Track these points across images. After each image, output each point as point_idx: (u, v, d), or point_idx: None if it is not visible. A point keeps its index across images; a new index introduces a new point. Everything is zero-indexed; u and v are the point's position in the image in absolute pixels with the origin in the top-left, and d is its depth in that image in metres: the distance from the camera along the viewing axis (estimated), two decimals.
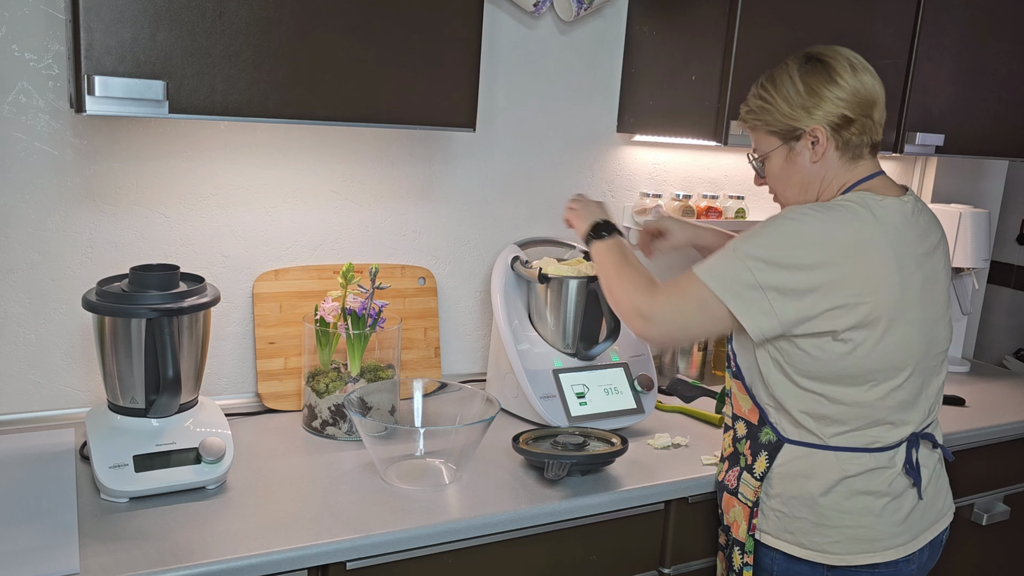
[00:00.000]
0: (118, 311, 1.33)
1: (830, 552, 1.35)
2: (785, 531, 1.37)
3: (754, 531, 1.40)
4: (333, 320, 1.61)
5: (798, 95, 1.35)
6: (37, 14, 1.47)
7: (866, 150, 1.38)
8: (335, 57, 1.38)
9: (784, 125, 1.37)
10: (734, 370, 1.44)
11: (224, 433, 1.40)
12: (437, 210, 1.92)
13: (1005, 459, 2.03)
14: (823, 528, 1.34)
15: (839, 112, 1.33)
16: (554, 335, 1.80)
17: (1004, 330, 2.99)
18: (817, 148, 1.36)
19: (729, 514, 1.46)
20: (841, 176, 1.38)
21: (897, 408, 1.34)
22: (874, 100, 1.34)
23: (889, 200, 1.34)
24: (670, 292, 1.35)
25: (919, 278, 1.33)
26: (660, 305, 1.35)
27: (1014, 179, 2.92)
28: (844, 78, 1.33)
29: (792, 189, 1.42)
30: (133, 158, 1.60)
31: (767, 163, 1.43)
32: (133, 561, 1.13)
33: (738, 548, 1.42)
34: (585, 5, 1.89)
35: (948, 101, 2.10)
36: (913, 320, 1.32)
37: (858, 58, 1.36)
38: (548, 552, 1.44)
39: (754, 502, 1.39)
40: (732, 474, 1.46)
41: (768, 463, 1.38)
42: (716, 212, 2.21)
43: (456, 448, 1.46)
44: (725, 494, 1.47)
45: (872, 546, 1.35)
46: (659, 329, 1.36)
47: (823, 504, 1.34)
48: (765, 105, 1.39)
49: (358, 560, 1.26)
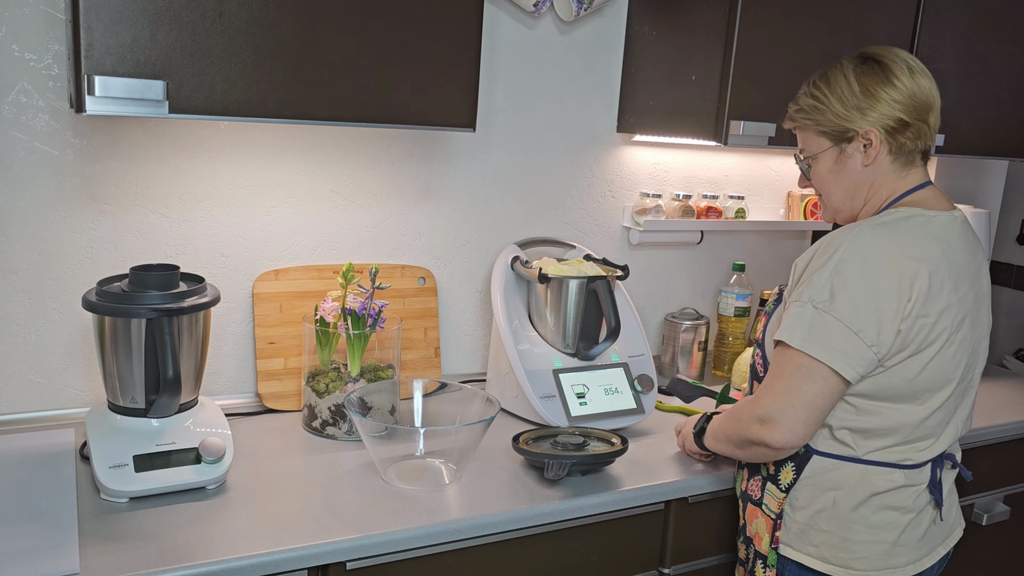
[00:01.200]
0: (118, 311, 1.33)
1: (853, 568, 1.32)
2: (809, 544, 1.34)
3: (777, 544, 1.37)
4: (333, 320, 1.61)
5: (853, 95, 1.30)
6: (37, 14, 1.47)
7: (918, 157, 1.34)
8: (335, 57, 1.38)
9: (836, 126, 1.32)
10: (761, 375, 1.40)
11: (224, 433, 1.40)
12: (437, 210, 1.92)
13: (1005, 459, 2.02)
14: (849, 543, 1.32)
15: (895, 115, 1.29)
16: (554, 335, 1.80)
17: (1004, 330, 2.99)
18: (869, 151, 1.31)
19: (752, 525, 1.43)
20: (891, 184, 1.33)
21: (938, 425, 1.32)
22: (930, 104, 1.30)
23: (942, 216, 1.30)
24: (771, 382, 1.26)
25: (972, 296, 1.30)
26: (769, 401, 1.25)
27: (1014, 179, 2.92)
28: (901, 80, 1.29)
29: (838, 193, 1.37)
30: (133, 158, 1.60)
31: (815, 165, 1.38)
32: (133, 561, 1.13)
33: (760, 561, 1.39)
34: (585, 5, 1.89)
35: (948, 101, 2.09)
36: (963, 338, 1.29)
37: (915, 60, 1.32)
38: (548, 552, 1.44)
39: (778, 514, 1.36)
40: (755, 483, 1.43)
41: (795, 474, 1.34)
42: (716, 212, 2.21)
43: (456, 448, 1.46)
44: (749, 504, 1.44)
45: (892, 562, 1.33)
46: (785, 425, 1.24)
47: (852, 519, 1.31)
48: (817, 104, 1.34)
49: (358, 560, 1.26)
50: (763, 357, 1.40)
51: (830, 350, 1.22)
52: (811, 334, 1.23)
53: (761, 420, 1.26)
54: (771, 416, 1.25)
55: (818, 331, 1.23)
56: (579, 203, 2.09)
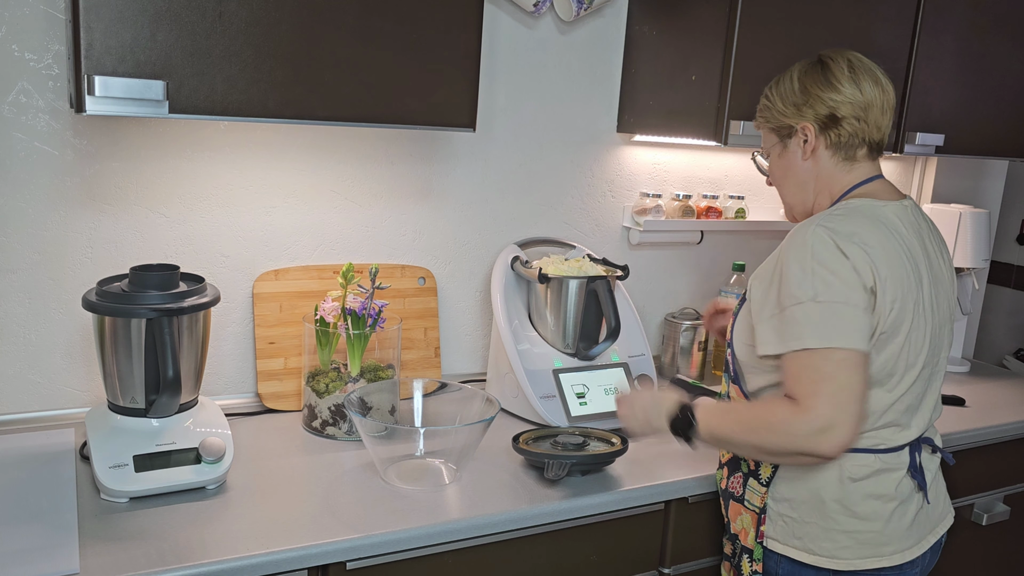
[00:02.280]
0: (118, 311, 1.33)
1: (838, 557, 1.33)
2: (793, 536, 1.36)
3: (762, 538, 1.38)
4: (333, 320, 1.61)
5: (792, 93, 1.38)
6: (37, 14, 1.47)
7: (860, 151, 1.38)
8: (335, 57, 1.38)
9: (779, 122, 1.40)
10: (732, 374, 1.43)
11: (224, 433, 1.40)
12: (437, 210, 1.92)
13: (1005, 459, 2.03)
14: (832, 533, 1.33)
15: (827, 111, 1.34)
16: (554, 335, 1.80)
17: (1004, 330, 2.99)
18: (807, 146, 1.38)
19: (736, 522, 1.44)
20: (839, 178, 1.38)
21: (905, 411, 1.34)
22: (868, 103, 1.34)
23: (891, 204, 1.35)
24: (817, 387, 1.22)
25: (928, 280, 1.34)
26: (824, 406, 1.21)
27: (1014, 179, 2.92)
28: (839, 80, 1.34)
29: (788, 187, 1.44)
30: (133, 158, 1.60)
31: (769, 162, 1.47)
32: (133, 561, 1.13)
33: (747, 556, 1.41)
34: (585, 5, 1.89)
35: (948, 101, 2.10)
36: (925, 321, 1.32)
37: (862, 62, 1.36)
38: (548, 552, 1.44)
39: (761, 508, 1.38)
40: (736, 480, 1.45)
41: (773, 467, 1.37)
42: (716, 212, 2.21)
43: (456, 448, 1.46)
44: (732, 501, 1.45)
45: (880, 550, 1.34)
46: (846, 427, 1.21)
47: (832, 509, 1.32)
48: (767, 103, 1.43)
49: (358, 560, 1.26)
50: (733, 356, 1.42)
51: (851, 334, 1.23)
52: (825, 327, 1.23)
53: (821, 430, 1.21)
54: (832, 423, 1.21)
55: (828, 322, 1.23)
56: (579, 203, 2.09)
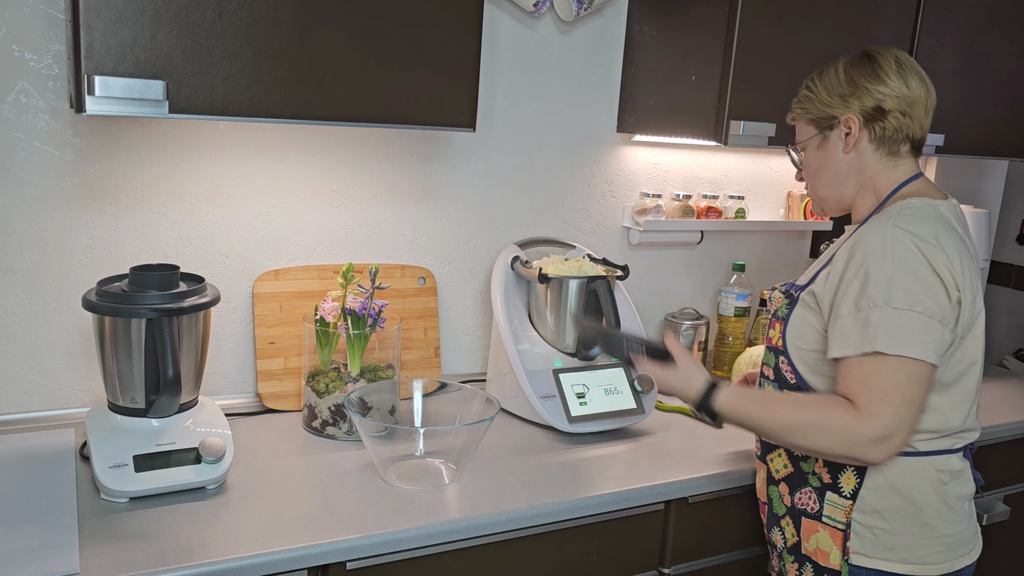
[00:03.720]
0: (118, 311, 1.33)
1: (931, 563, 1.31)
2: (885, 548, 1.31)
3: (848, 555, 1.33)
4: (333, 320, 1.61)
5: (838, 84, 1.36)
6: (37, 14, 1.47)
7: (904, 147, 1.37)
8: (335, 57, 1.38)
9: (821, 113, 1.38)
10: (792, 383, 1.37)
11: (224, 433, 1.40)
12: (437, 210, 1.92)
13: (1005, 459, 2.02)
14: (927, 539, 1.31)
15: (874, 103, 1.33)
16: (554, 335, 1.80)
17: (1004, 330, 2.99)
18: (849, 138, 1.36)
19: (810, 541, 1.37)
20: (883, 174, 1.37)
21: (971, 408, 1.34)
22: (914, 99, 1.34)
23: (943, 203, 1.34)
24: (881, 394, 1.20)
25: (979, 277, 1.33)
26: (885, 414, 1.19)
27: (1014, 179, 2.92)
28: (887, 72, 1.33)
29: (823, 180, 1.41)
30: (133, 158, 1.60)
31: (805, 154, 1.44)
32: (133, 561, 1.13)
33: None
34: (585, 5, 1.89)
35: (948, 101, 2.10)
36: (982, 319, 1.33)
37: (910, 61, 1.36)
38: (548, 552, 1.44)
39: (846, 523, 1.33)
40: (807, 496, 1.38)
41: (858, 478, 1.31)
42: (716, 212, 2.21)
43: (456, 448, 1.46)
44: (804, 519, 1.38)
45: (962, 550, 1.34)
46: (902, 437, 1.21)
47: (929, 514, 1.30)
48: (809, 94, 1.41)
49: (358, 560, 1.26)
50: (791, 366, 1.37)
51: (926, 346, 1.20)
52: (901, 335, 1.20)
53: (882, 439, 1.20)
54: (892, 433, 1.20)
55: (904, 330, 1.20)
56: (579, 203, 2.09)
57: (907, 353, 1.20)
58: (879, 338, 1.20)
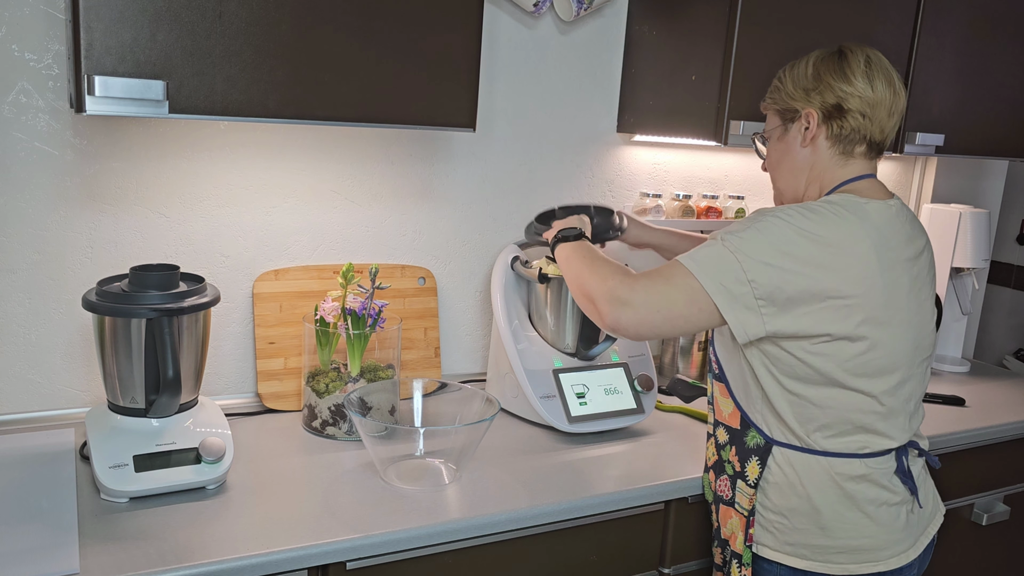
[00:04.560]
0: (118, 311, 1.33)
1: (834, 562, 1.33)
2: (786, 543, 1.35)
3: (751, 542, 1.37)
4: (333, 320, 1.61)
5: (804, 78, 1.37)
6: (37, 14, 1.47)
7: (859, 148, 1.36)
8: (335, 57, 1.38)
9: (785, 104, 1.39)
10: (716, 372, 1.43)
11: (224, 433, 1.40)
12: (437, 210, 1.92)
13: (1005, 459, 2.03)
14: (827, 538, 1.32)
15: (835, 101, 1.33)
16: (554, 335, 1.80)
17: (1004, 330, 2.99)
18: (807, 133, 1.37)
19: (727, 526, 1.43)
20: (830, 171, 1.37)
21: (887, 414, 1.32)
22: (877, 101, 1.33)
23: (873, 203, 1.32)
24: (652, 278, 1.31)
25: (906, 281, 1.31)
26: (640, 290, 1.30)
27: (1014, 179, 2.92)
28: (854, 72, 1.33)
29: (782, 172, 1.43)
30: (133, 158, 1.60)
31: (768, 145, 1.46)
32: (133, 561, 1.13)
33: (736, 561, 1.40)
34: (585, 5, 1.89)
35: (948, 101, 2.10)
36: (901, 324, 1.30)
37: (880, 61, 1.35)
38: (548, 552, 1.44)
39: (750, 511, 1.37)
40: (723, 483, 1.43)
41: (760, 467, 1.35)
42: (716, 212, 2.21)
43: (456, 448, 1.46)
44: (722, 505, 1.44)
45: (876, 555, 1.33)
46: (638, 315, 1.29)
47: (825, 515, 1.32)
48: (778, 84, 1.42)
49: (358, 560, 1.26)
50: (715, 355, 1.43)
51: (712, 276, 1.26)
52: (704, 259, 1.28)
53: (620, 301, 1.30)
54: (630, 302, 1.30)
55: (708, 256, 1.28)
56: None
57: (690, 268, 1.27)
58: (696, 256, 1.29)
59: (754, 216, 1.30)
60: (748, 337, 1.27)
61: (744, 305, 1.25)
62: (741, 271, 1.25)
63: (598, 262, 1.41)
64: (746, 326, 1.26)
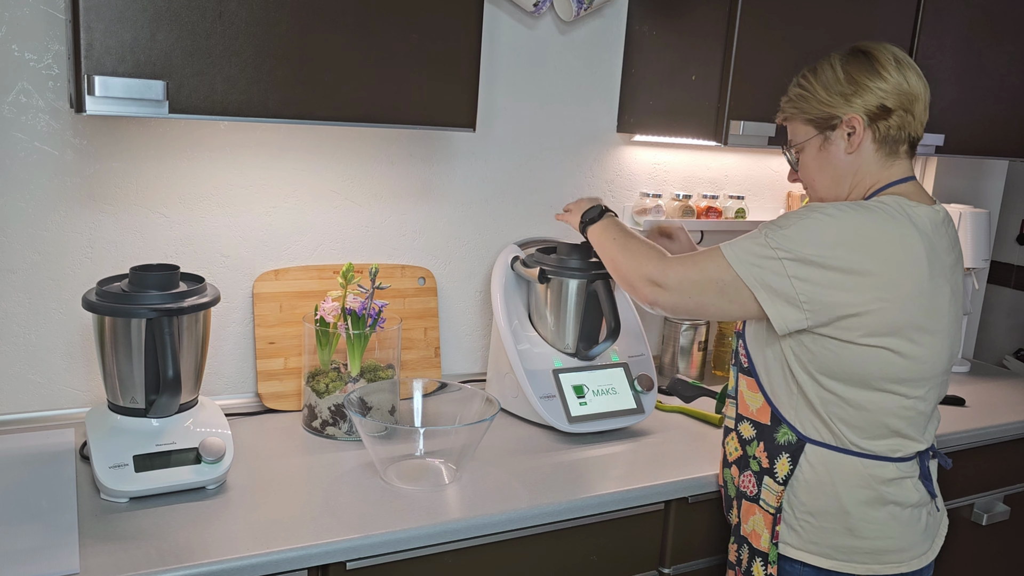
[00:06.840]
0: (118, 311, 1.33)
1: (859, 563, 1.32)
2: (812, 542, 1.33)
3: (777, 539, 1.35)
4: (333, 320, 1.61)
5: (837, 82, 1.32)
6: (37, 14, 1.47)
7: (903, 147, 1.34)
8: (335, 57, 1.38)
9: (821, 112, 1.34)
10: (745, 366, 1.40)
11: (224, 433, 1.40)
12: (437, 210, 1.92)
13: (1005, 459, 2.03)
14: (854, 539, 1.32)
15: (878, 102, 1.30)
16: (554, 335, 1.80)
17: (1004, 330, 2.99)
18: (853, 139, 1.32)
19: (748, 523, 1.40)
20: (875, 174, 1.34)
21: (916, 418, 1.32)
22: (916, 95, 1.31)
23: (923, 208, 1.30)
24: (687, 265, 1.33)
25: (948, 290, 1.30)
26: (675, 275, 1.34)
27: (1014, 179, 2.92)
28: (887, 69, 1.30)
29: (823, 182, 1.38)
30: (133, 158, 1.60)
31: (802, 155, 1.40)
32: (133, 561, 1.13)
33: (760, 559, 1.37)
34: (585, 5, 1.89)
35: (948, 101, 2.10)
36: (941, 331, 1.29)
37: (905, 55, 1.33)
38: (548, 552, 1.44)
39: (777, 508, 1.35)
40: (747, 479, 1.41)
41: (791, 465, 1.33)
42: (716, 212, 2.21)
43: (456, 448, 1.46)
44: (744, 501, 1.42)
45: (900, 556, 1.33)
46: (672, 298, 1.35)
47: (855, 515, 1.31)
48: (804, 93, 1.36)
49: (358, 560, 1.26)
50: (745, 348, 1.41)
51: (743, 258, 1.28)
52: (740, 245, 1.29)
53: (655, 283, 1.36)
54: (666, 284, 1.35)
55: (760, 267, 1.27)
56: None
57: (729, 259, 1.29)
58: (734, 244, 1.30)
59: (803, 211, 1.28)
60: (788, 328, 1.27)
61: (786, 300, 1.25)
62: (782, 268, 1.24)
63: (631, 243, 1.46)
64: (787, 320, 1.26)
